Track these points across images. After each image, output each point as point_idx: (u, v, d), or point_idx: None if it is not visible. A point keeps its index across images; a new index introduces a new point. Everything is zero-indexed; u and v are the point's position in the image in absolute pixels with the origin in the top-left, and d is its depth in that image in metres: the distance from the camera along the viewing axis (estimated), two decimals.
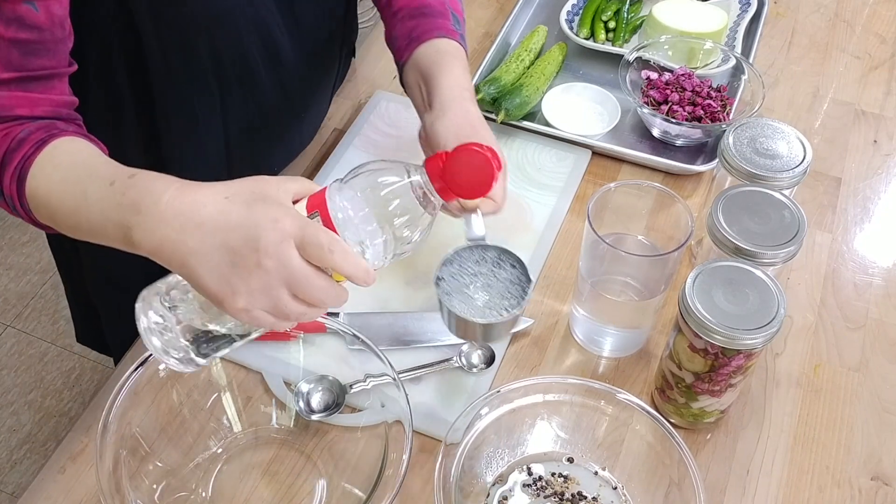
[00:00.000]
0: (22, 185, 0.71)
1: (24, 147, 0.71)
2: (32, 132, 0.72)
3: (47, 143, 0.71)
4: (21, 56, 0.72)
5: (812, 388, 0.94)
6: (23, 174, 0.71)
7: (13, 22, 0.70)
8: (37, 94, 0.73)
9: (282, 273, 0.61)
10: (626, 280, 0.90)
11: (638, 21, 1.34)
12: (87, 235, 0.70)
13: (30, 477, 1.63)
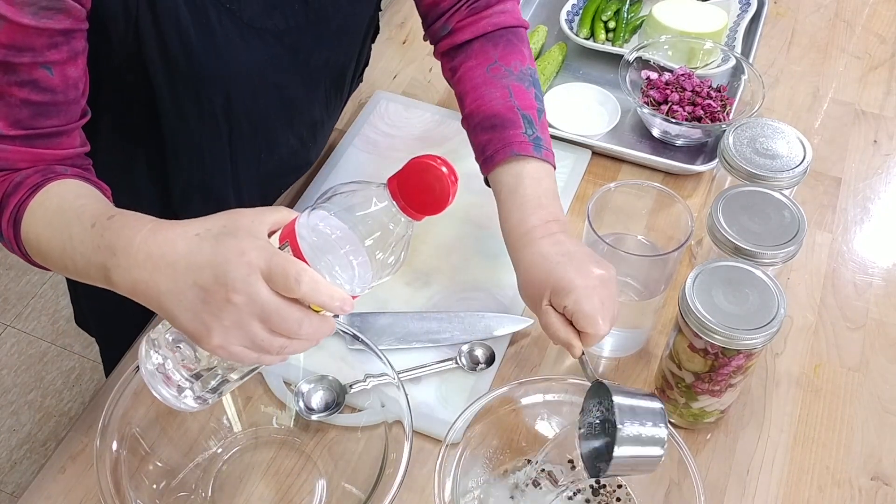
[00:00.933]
0: (18, 228, 0.73)
1: (20, 191, 0.73)
2: (29, 176, 0.74)
3: (42, 186, 0.73)
4: (31, 116, 0.73)
5: (812, 387, 0.94)
6: (18, 218, 0.73)
7: (27, 84, 0.72)
8: (41, 149, 0.75)
9: (252, 307, 0.60)
10: (626, 280, 0.90)
11: (638, 21, 1.34)
12: (75, 276, 0.71)
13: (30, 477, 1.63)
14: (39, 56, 0.71)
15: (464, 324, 0.94)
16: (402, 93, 1.25)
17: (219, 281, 0.60)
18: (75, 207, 0.71)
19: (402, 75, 1.28)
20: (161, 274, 0.63)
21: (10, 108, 0.72)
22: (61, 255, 0.70)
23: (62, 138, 0.76)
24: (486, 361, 0.92)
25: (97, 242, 0.66)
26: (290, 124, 1.00)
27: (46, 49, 0.71)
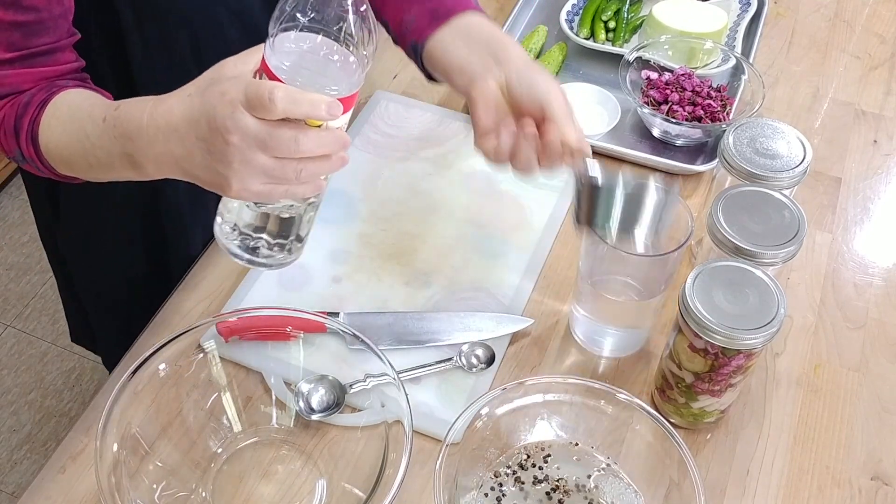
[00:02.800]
0: (37, 144, 0.75)
1: (30, 110, 0.75)
2: (34, 94, 0.75)
3: (49, 100, 0.75)
4: (23, 37, 0.74)
5: (812, 388, 0.94)
6: (34, 135, 0.75)
7: (11, 6, 0.72)
8: (40, 67, 0.76)
9: (247, 141, 0.61)
10: (626, 280, 0.90)
11: (638, 21, 1.34)
12: (104, 175, 0.74)
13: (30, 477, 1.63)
14: None
15: (464, 324, 0.94)
16: (402, 93, 1.25)
17: (212, 128, 0.62)
18: (84, 108, 0.73)
19: (402, 75, 1.28)
20: (171, 141, 0.65)
21: (1, 32, 0.73)
22: (84, 156, 0.73)
23: (57, 54, 0.77)
24: (486, 361, 0.92)
25: (112, 134, 0.69)
26: None
27: None
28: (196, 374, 0.87)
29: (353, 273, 1.01)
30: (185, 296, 0.99)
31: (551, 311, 0.98)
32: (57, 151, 0.75)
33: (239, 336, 0.90)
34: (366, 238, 1.04)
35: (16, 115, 0.75)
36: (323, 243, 1.03)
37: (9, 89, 0.76)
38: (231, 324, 0.88)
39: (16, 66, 0.75)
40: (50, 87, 0.77)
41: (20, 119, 0.75)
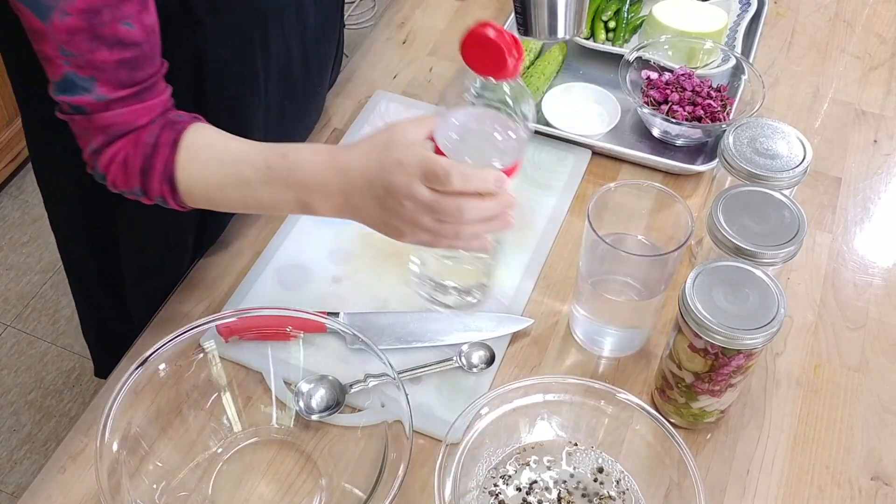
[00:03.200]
0: (173, 185, 0.80)
1: (161, 151, 0.79)
2: (159, 134, 0.79)
3: (179, 141, 0.79)
4: (129, 73, 0.76)
5: (812, 388, 0.94)
6: (170, 176, 0.79)
7: (116, 45, 0.74)
8: (149, 101, 0.79)
9: (420, 207, 0.72)
10: (626, 280, 0.90)
11: (638, 21, 1.34)
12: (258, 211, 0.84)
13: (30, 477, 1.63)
14: (117, 12, 0.73)
15: (464, 324, 0.94)
16: (401, 93, 1.25)
17: (389, 192, 0.73)
18: (232, 151, 0.80)
19: (402, 75, 1.28)
20: (349, 194, 0.76)
21: (109, 72, 0.75)
22: (240, 198, 0.80)
23: (160, 84, 0.80)
24: (485, 361, 0.92)
25: (284, 182, 0.77)
26: (306, 64, 1.01)
27: (119, 3, 0.73)
28: (196, 374, 0.87)
29: (353, 273, 1.01)
30: (185, 296, 0.99)
31: (551, 311, 0.98)
32: (204, 193, 0.80)
33: (239, 336, 0.90)
34: (366, 238, 1.04)
35: (143, 155, 0.79)
36: (323, 243, 1.03)
37: (124, 127, 0.78)
38: (231, 324, 0.88)
39: (128, 103, 0.77)
40: (169, 124, 0.80)
41: (150, 160, 0.79)
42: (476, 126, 0.72)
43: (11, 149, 2.21)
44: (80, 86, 0.75)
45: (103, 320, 1.19)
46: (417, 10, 1.40)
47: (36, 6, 0.71)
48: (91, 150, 0.80)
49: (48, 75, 0.77)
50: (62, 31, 0.72)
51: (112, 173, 0.81)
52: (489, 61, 0.68)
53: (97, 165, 0.81)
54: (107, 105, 0.77)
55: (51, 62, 0.75)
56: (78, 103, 0.76)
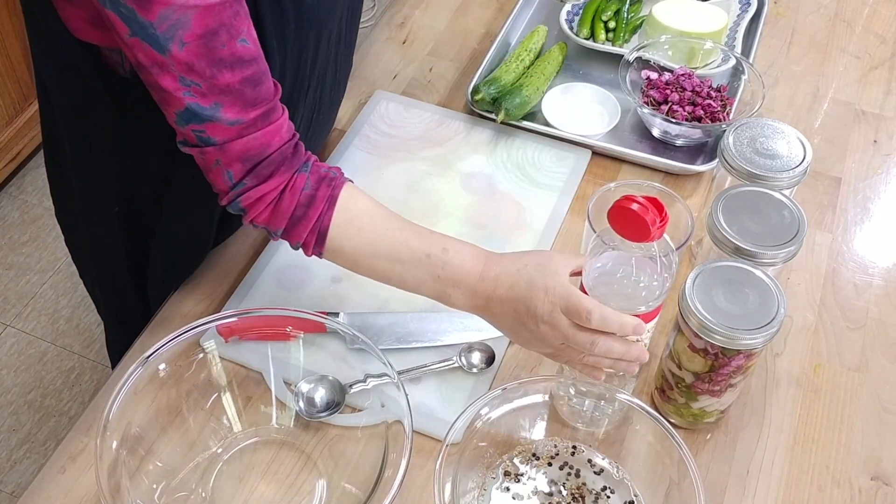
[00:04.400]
0: (322, 240, 0.82)
1: (317, 204, 0.81)
2: (316, 187, 0.81)
3: (335, 199, 0.81)
4: (253, 90, 0.75)
5: (812, 388, 0.94)
6: (322, 231, 0.81)
7: (236, 64, 0.73)
8: (277, 121, 0.78)
9: (555, 334, 0.78)
10: None
11: (638, 21, 1.34)
12: (392, 284, 0.85)
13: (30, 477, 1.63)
14: (233, 30, 0.72)
15: (464, 324, 0.94)
16: (402, 93, 1.25)
17: (530, 313, 0.79)
18: (393, 230, 0.83)
19: (402, 75, 1.28)
20: (490, 303, 0.81)
21: (235, 94, 0.74)
22: (385, 272, 0.84)
23: (278, 101, 0.79)
24: (486, 362, 0.92)
25: (436, 273, 0.82)
26: (336, 74, 1.02)
27: (233, 20, 0.72)
28: (196, 374, 0.87)
29: (354, 273, 1.01)
30: (185, 296, 0.99)
31: None
32: (351, 256, 0.83)
33: (239, 336, 0.90)
34: None
35: (298, 204, 0.80)
36: None
37: (260, 152, 0.77)
38: (231, 324, 0.88)
39: (258, 126, 0.77)
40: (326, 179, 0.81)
41: (305, 209, 0.80)
42: (622, 271, 0.77)
43: (11, 149, 2.21)
44: (206, 114, 0.74)
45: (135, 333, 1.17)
46: (417, 10, 1.40)
47: (153, 40, 0.69)
48: (230, 183, 0.79)
49: (167, 108, 0.75)
50: (182, 61, 0.71)
51: (256, 211, 0.80)
52: (635, 231, 0.73)
53: (239, 201, 0.80)
54: (240, 131, 0.76)
55: (171, 95, 0.73)
56: (209, 132, 0.75)
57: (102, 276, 1.13)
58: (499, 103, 1.15)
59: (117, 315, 1.19)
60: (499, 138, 1.17)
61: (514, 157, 1.15)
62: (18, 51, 2.09)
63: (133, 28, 0.69)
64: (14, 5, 2.01)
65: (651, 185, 0.93)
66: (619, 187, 0.90)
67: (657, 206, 0.72)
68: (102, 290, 1.16)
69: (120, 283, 1.10)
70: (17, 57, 2.10)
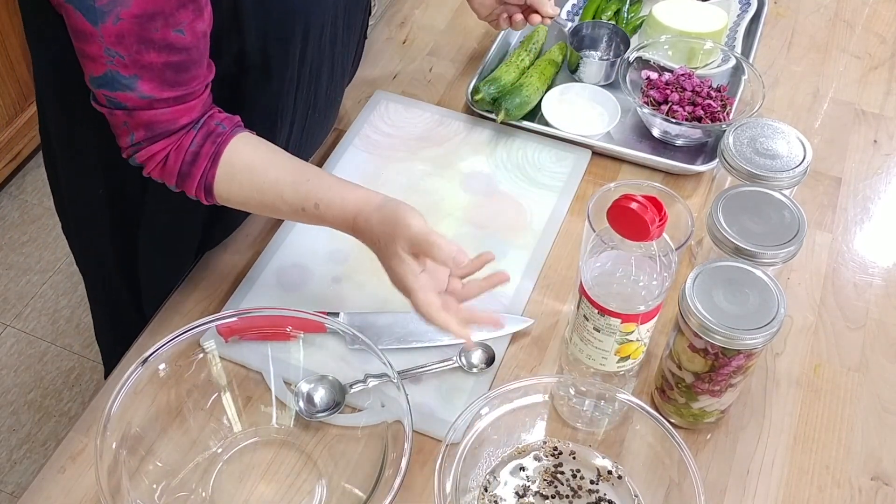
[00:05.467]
0: (210, 193, 0.85)
1: (200, 161, 0.83)
2: (201, 144, 0.83)
3: (219, 155, 0.84)
4: (175, 74, 0.78)
5: (812, 388, 0.94)
6: (208, 186, 0.84)
7: (164, 49, 0.76)
8: (191, 101, 0.82)
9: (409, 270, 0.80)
10: None
11: (638, 21, 1.34)
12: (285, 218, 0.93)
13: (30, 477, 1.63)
14: (171, 19, 0.74)
15: None
16: (401, 93, 1.25)
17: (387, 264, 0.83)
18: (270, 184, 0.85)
19: (402, 75, 1.28)
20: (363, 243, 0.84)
21: (156, 72, 0.77)
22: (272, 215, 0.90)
23: (203, 87, 0.82)
24: (485, 361, 0.92)
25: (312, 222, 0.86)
26: (332, 72, 1.03)
27: (175, 10, 0.74)
28: (196, 374, 0.87)
29: (353, 273, 1.01)
30: (185, 296, 0.99)
31: (551, 311, 0.98)
32: (239, 206, 0.88)
33: (239, 336, 0.90)
34: None
35: (183, 162, 0.83)
36: (323, 243, 1.03)
37: (166, 126, 0.81)
38: (231, 324, 0.88)
39: (170, 104, 0.80)
40: (212, 136, 0.83)
41: (189, 167, 0.83)
42: (621, 271, 0.77)
43: (11, 149, 2.21)
44: (123, 83, 0.77)
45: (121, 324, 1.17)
46: (417, 10, 1.40)
47: (88, 10, 0.72)
48: (130, 142, 0.82)
49: (86, 70, 0.77)
50: (112, 34, 0.73)
51: (149, 167, 0.84)
52: (634, 230, 0.73)
53: (134, 158, 0.84)
54: (150, 104, 0.78)
55: (93, 61, 0.75)
56: (119, 99, 0.78)
57: (92, 266, 1.14)
58: (499, 103, 1.15)
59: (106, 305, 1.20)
60: (499, 138, 1.17)
61: (514, 157, 1.15)
62: (18, 51, 2.09)
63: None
64: (14, 5, 2.01)
65: (651, 185, 0.93)
66: (619, 187, 0.90)
67: (656, 205, 0.72)
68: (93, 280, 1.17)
69: (109, 273, 1.10)
70: (17, 57, 2.10)
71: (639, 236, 0.73)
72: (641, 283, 0.77)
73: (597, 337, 0.80)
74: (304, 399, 0.87)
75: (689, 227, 0.88)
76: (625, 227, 0.73)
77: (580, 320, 0.81)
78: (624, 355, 0.82)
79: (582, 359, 0.84)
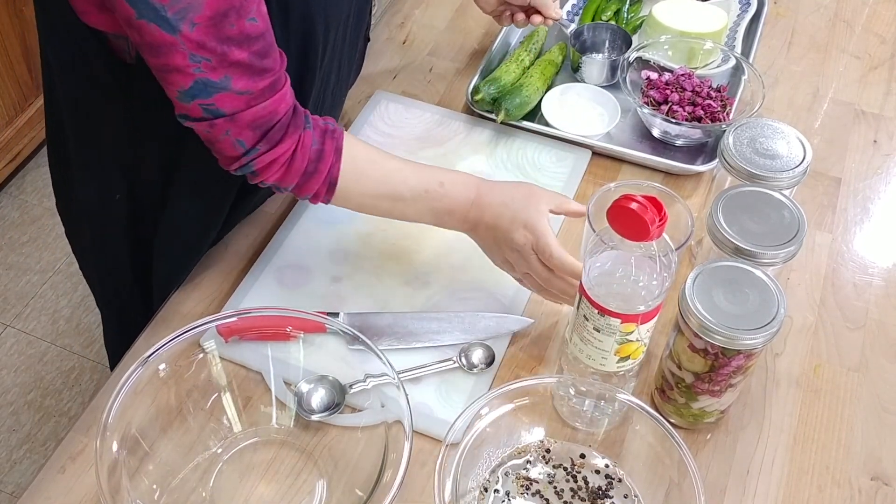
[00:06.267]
0: (332, 189, 0.87)
1: (326, 157, 0.85)
2: (322, 142, 0.85)
3: (341, 150, 0.87)
4: (261, 61, 0.78)
5: (812, 388, 0.94)
6: (332, 181, 0.87)
7: (245, 42, 0.75)
8: (282, 90, 0.81)
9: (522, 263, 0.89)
10: None
11: (638, 21, 1.34)
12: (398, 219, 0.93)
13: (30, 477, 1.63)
14: (242, 11, 0.74)
15: (464, 324, 0.94)
16: (401, 93, 1.25)
17: (507, 242, 0.89)
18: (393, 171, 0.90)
19: (402, 75, 1.28)
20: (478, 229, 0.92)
21: (244, 67, 0.76)
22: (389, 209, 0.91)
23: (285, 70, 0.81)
24: (485, 362, 0.92)
25: (433, 205, 0.91)
26: (340, 71, 1.03)
27: (244, 1, 0.74)
28: (196, 374, 0.87)
29: (353, 273, 1.01)
30: (185, 296, 0.99)
31: (551, 311, 0.98)
32: (358, 199, 0.90)
33: (239, 336, 0.90)
34: (366, 238, 1.04)
35: (309, 160, 0.84)
36: (323, 243, 1.03)
37: (270, 119, 0.80)
38: (231, 324, 0.88)
39: (266, 95, 0.79)
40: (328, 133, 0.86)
41: (316, 164, 0.85)
42: (621, 271, 0.77)
43: (11, 149, 2.21)
44: (216, 86, 0.76)
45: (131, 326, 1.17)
46: (417, 10, 1.40)
47: (163, 21, 0.71)
48: (241, 149, 0.81)
49: (173, 86, 0.76)
50: (192, 40, 0.72)
51: (270, 172, 0.84)
52: (634, 230, 0.73)
53: (251, 165, 0.82)
54: (248, 101, 0.78)
55: (180, 72, 0.74)
56: (217, 105, 0.77)
57: (103, 269, 1.13)
58: (499, 103, 1.15)
59: (116, 309, 1.19)
60: (499, 138, 1.18)
61: (514, 157, 1.15)
62: (18, 51, 2.09)
63: (140, 10, 0.70)
64: (14, 5, 2.01)
65: (651, 185, 0.93)
66: (619, 187, 0.90)
67: (656, 205, 0.72)
68: (102, 284, 1.16)
69: (121, 275, 1.09)
70: (17, 57, 2.10)
71: (639, 236, 0.73)
72: (641, 284, 0.77)
73: (596, 337, 0.80)
74: (304, 399, 0.87)
75: (689, 227, 0.88)
76: (625, 227, 0.73)
77: (580, 320, 0.81)
78: (624, 355, 0.82)
79: (582, 359, 0.84)
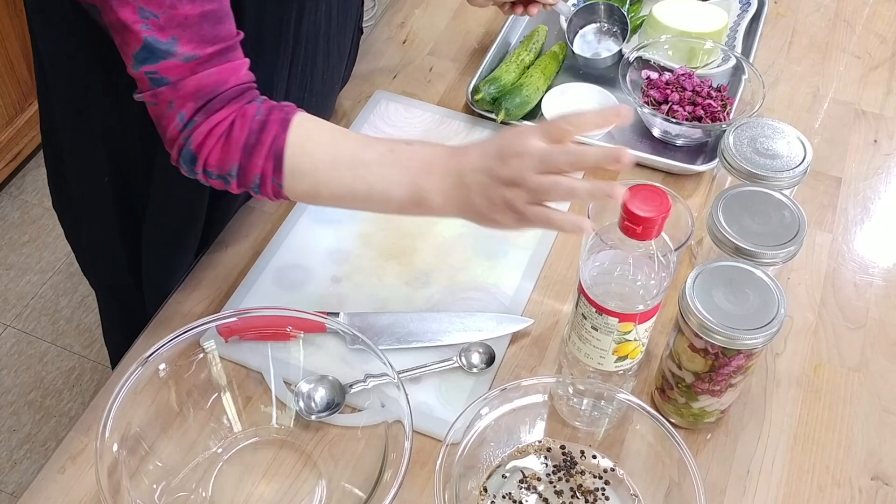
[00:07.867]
0: (280, 164, 0.77)
1: (269, 128, 0.77)
2: (268, 112, 0.78)
3: (289, 120, 0.78)
4: (212, 28, 0.74)
5: (812, 388, 0.94)
6: (278, 153, 0.77)
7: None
8: (235, 61, 0.77)
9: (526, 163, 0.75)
10: None
11: (638, 21, 1.34)
12: (361, 200, 0.80)
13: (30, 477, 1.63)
14: None
15: (464, 324, 0.94)
16: (401, 93, 1.25)
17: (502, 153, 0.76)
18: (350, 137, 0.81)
19: (402, 75, 1.28)
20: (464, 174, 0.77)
21: (192, 28, 0.73)
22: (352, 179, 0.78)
23: (238, 46, 0.78)
24: (485, 361, 0.92)
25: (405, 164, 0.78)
26: (327, 56, 1.01)
27: None
28: (196, 374, 0.87)
29: (353, 273, 1.01)
30: (185, 296, 0.99)
31: (551, 311, 0.98)
32: (312, 172, 0.78)
33: (239, 336, 0.90)
34: (366, 238, 1.04)
35: (250, 130, 0.77)
36: (323, 243, 1.03)
37: (214, 89, 0.76)
38: (231, 324, 0.88)
39: (214, 63, 0.75)
40: (277, 106, 0.79)
41: (258, 135, 0.77)
42: (619, 270, 0.77)
43: (11, 149, 2.21)
44: (162, 49, 0.73)
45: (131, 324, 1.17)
46: (417, 10, 1.40)
47: None
48: (180, 123, 0.77)
49: (125, 50, 0.74)
50: None
51: (208, 148, 0.78)
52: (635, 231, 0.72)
53: (189, 142, 0.77)
54: (193, 68, 0.75)
55: (128, 30, 0.72)
56: (161, 72, 0.74)
57: (101, 268, 1.13)
58: (499, 103, 1.15)
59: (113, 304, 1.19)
60: None
61: None
62: (18, 51, 2.09)
63: None
64: (14, 5, 2.01)
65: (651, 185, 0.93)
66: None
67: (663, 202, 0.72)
68: (100, 283, 1.16)
69: (119, 275, 1.10)
70: (17, 57, 2.10)
71: (641, 236, 0.73)
72: (639, 283, 0.77)
73: (594, 336, 0.80)
74: (304, 399, 0.87)
75: (689, 227, 0.88)
76: (628, 228, 0.73)
77: (578, 319, 0.81)
78: (622, 355, 0.82)
79: (580, 357, 0.84)
